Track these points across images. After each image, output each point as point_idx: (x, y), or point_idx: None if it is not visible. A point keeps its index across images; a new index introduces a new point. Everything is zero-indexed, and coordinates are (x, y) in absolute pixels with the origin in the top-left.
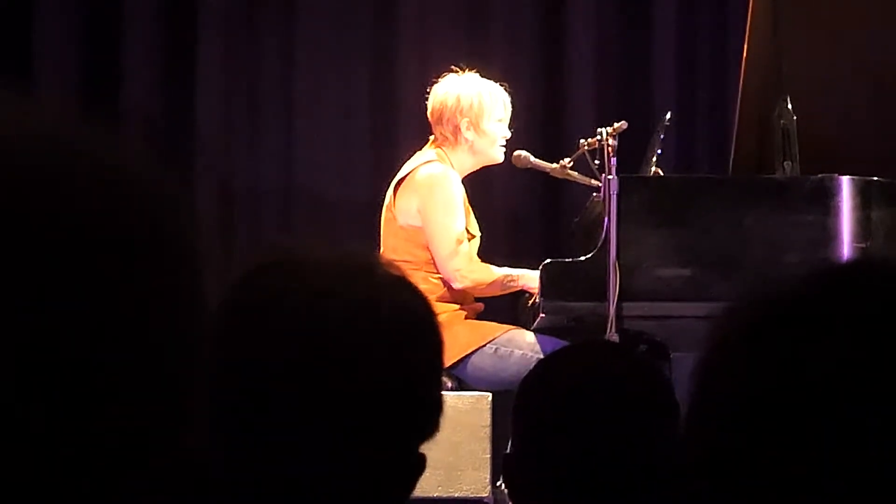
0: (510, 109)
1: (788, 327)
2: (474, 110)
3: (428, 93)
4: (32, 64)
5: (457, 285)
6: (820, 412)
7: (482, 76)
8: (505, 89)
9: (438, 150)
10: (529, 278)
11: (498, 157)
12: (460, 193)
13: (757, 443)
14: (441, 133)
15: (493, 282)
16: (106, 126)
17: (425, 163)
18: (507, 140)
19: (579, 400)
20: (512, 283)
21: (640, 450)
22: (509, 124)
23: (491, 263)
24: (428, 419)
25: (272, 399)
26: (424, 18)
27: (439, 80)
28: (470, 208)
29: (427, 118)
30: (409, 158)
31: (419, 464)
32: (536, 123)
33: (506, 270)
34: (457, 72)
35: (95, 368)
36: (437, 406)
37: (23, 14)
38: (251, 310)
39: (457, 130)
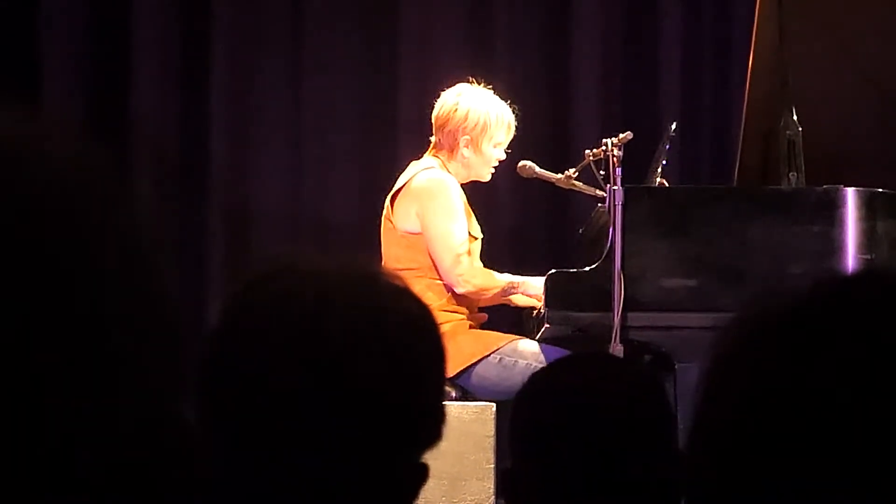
0: (513, 133)
1: (793, 338)
2: (477, 130)
3: (436, 99)
4: (41, 76)
5: (459, 290)
6: (823, 423)
7: (486, 85)
8: (514, 111)
9: (437, 156)
10: (531, 285)
11: (486, 177)
12: (460, 198)
13: (761, 453)
14: (440, 140)
15: (496, 287)
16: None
17: (424, 169)
18: (506, 156)
19: (573, 414)
20: (513, 290)
21: (635, 462)
22: (508, 145)
23: (495, 273)
24: (430, 429)
25: (274, 407)
26: (428, 32)
27: (452, 86)
28: (471, 210)
29: (431, 121)
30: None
31: (422, 473)
32: (541, 134)
33: (508, 277)
34: (471, 82)
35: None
36: (439, 415)
37: (29, 26)
38: (254, 318)
39: (455, 144)
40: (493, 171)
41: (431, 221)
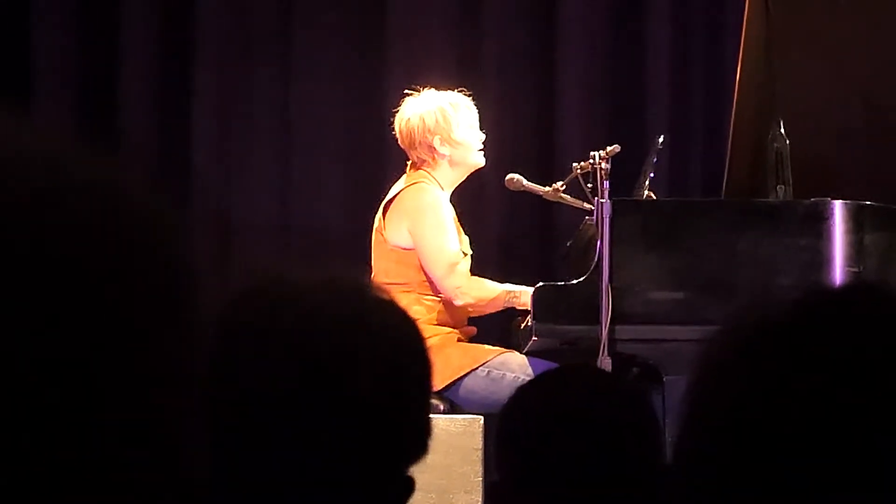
0: (475, 112)
1: (780, 351)
2: (441, 125)
3: (392, 122)
4: (31, 89)
5: (458, 303)
6: (809, 435)
7: (473, 99)
8: (463, 93)
9: (421, 171)
10: (528, 295)
11: (479, 161)
12: (450, 212)
13: (747, 465)
14: (418, 157)
15: (496, 297)
16: (104, 150)
17: (412, 184)
18: (483, 143)
19: (560, 426)
20: (514, 300)
21: (622, 473)
22: (480, 126)
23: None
24: (416, 442)
25: (260, 421)
26: (416, 44)
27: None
28: (460, 227)
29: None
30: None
31: (407, 486)
32: (529, 147)
33: (507, 286)
34: (412, 94)
35: (87, 387)
36: (425, 429)
37: (21, 38)
38: (241, 332)
39: (432, 150)
40: (482, 152)
41: (424, 237)
